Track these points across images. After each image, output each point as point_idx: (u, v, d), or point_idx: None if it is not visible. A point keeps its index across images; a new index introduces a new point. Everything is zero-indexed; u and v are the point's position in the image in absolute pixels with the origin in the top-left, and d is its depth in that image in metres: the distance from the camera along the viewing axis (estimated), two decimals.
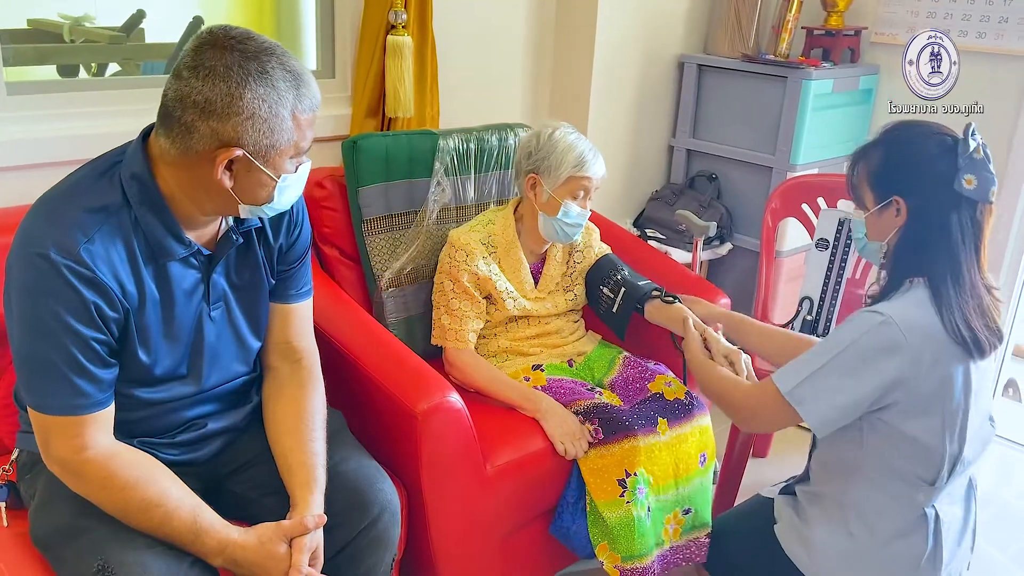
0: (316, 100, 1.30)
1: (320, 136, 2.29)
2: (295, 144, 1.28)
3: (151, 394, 1.38)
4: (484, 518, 1.78)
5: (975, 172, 1.43)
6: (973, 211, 1.45)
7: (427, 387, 1.65)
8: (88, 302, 1.22)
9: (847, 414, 1.47)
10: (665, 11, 2.92)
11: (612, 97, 2.86)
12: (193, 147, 1.23)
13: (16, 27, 2.21)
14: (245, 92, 1.20)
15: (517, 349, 2.07)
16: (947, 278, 1.44)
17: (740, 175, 2.96)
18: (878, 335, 1.42)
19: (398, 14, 2.19)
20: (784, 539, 1.64)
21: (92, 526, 1.28)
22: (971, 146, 1.43)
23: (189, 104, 1.20)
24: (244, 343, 1.49)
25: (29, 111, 1.86)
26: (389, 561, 1.51)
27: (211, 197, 1.29)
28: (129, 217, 1.28)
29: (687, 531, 1.91)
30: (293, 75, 1.25)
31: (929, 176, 1.46)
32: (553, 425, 1.83)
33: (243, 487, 1.51)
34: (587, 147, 1.97)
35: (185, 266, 1.36)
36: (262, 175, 1.27)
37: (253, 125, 1.22)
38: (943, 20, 2.79)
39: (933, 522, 1.53)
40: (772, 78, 2.79)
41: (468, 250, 1.98)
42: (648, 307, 2.03)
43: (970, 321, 1.43)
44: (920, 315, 1.43)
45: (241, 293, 1.46)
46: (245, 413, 1.54)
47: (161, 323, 1.34)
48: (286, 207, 1.38)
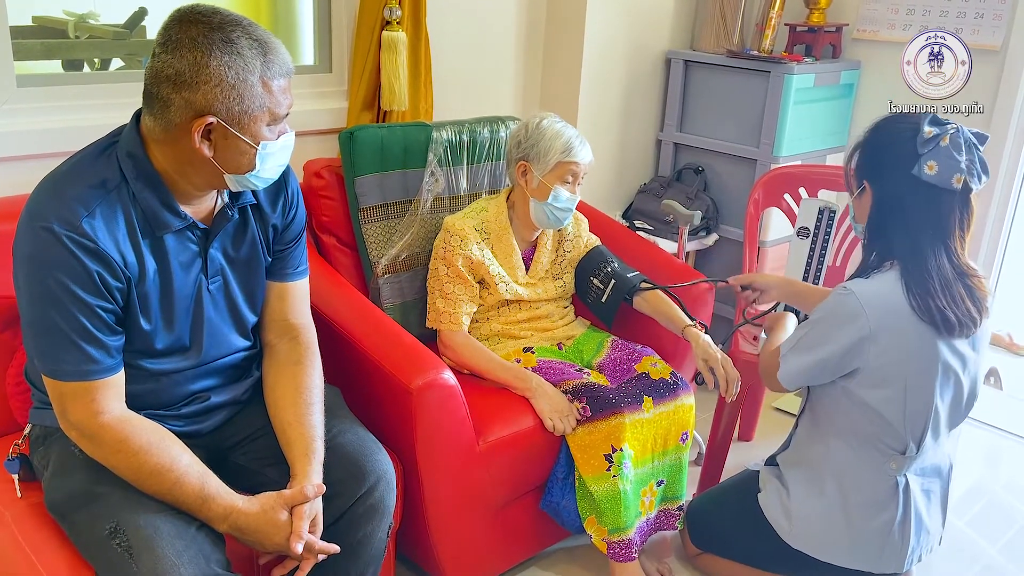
0: (286, 67, 1.35)
1: (318, 128, 2.38)
2: (269, 110, 1.33)
3: (156, 365, 1.45)
4: (477, 492, 1.85)
5: (938, 159, 1.49)
6: (936, 197, 1.52)
7: (421, 364, 1.72)
8: (92, 271, 1.28)
9: (812, 375, 1.61)
10: (652, 8, 3.00)
11: (601, 92, 2.94)
12: (172, 120, 1.29)
13: (22, 24, 2.27)
14: (211, 60, 1.26)
15: (509, 332, 2.14)
16: (910, 263, 1.54)
17: (726, 167, 3.04)
18: (840, 305, 1.56)
19: (392, 10, 2.26)
20: (766, 506, 1.72)
21: (104, 492, 1.34)
22: (932, 132, 1.50)
23: (162, 79, 1.27)
24: (241, 317, 1.55)
25: (37, 103, 1.94)
26: (386, 529, 1.57)
27: (197, 169, 1.35)
28: (127, 192, 1.34)
29: (659, 502, 2.00)
30: (259, 43, 1.30)
31: (889, 161, 1.55)
32: (543, 403, 1.91)
33: (246, 459, 1.58)
34: (574, 134, 2.04)
35: (182, 239, 1.42)
36: (240, 142, 1.32)
37: (222, 92, 1.27)
38: (922, 16, 2.87)
39: (903, 492, 1.62)
40: (756, 73, 2.87)
41: (462, 235, 2.05)
42: (636, 298, 2.12)
43: (936, 300, 1.50)
44: (885, 291, 1.53)
45: (238, 268, 1.52)
46: (246, 387, 1.61)
47: (160, 294, 1.40)
48: (272, 176, 1.43)
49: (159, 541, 1.28)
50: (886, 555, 1.65)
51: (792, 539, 1.69)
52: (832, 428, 1.65)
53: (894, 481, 1.62)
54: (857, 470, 1.64)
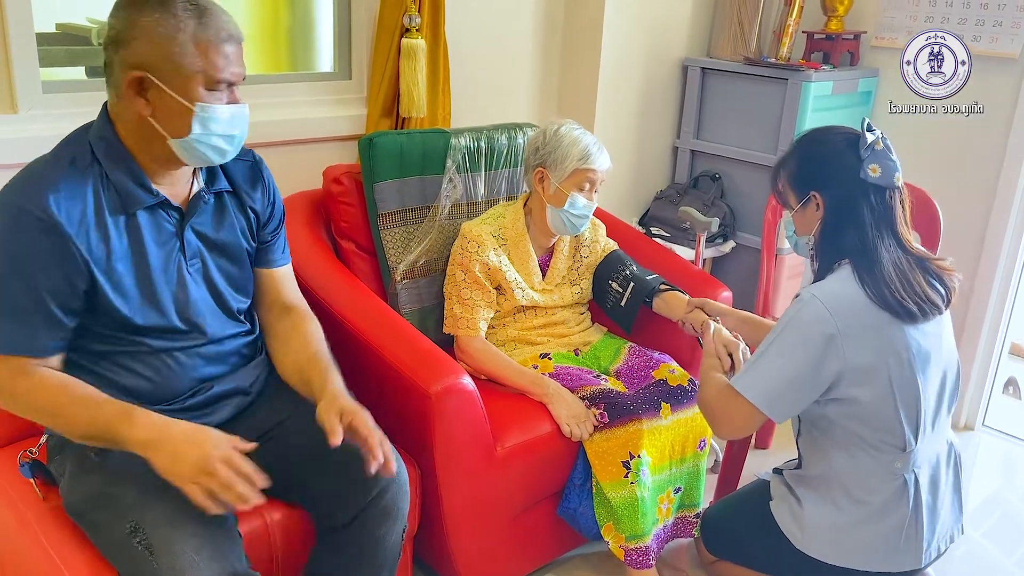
0: (225, 32, 1.37)
1: (337, 135, 2.39)
2: (204, 72, 1.35)
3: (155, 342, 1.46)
4: (494, 498, 1.86)
5: (878, 161, 1.57)
6: (882, 196, 1.59)
7: (440, 370, 1.72)
8: (49, 249, 1.32)
9: (794, 389, 1.57)
10: (669, 16, 3.00)
11: (618, 99, 2.94)
12: (117, 83, 1.35)
13: (46, 31, 2.30)
14: (142, 17, 1.32)
15: (525, 338, 2.15)
16: (863, 256, 1.58)
17: (743, 175, 3.04)
18: (804, 311, 1.56)
19: (412, 18, 2.27)
20: (779, 516, 1.71)
21: (121, 492, 1.36)
22: (869, 139, 1.58)
23: (107, 43, 1.35)
24: (226, 301, 1.57)
25: (62, 109, 1.96)
26: (400, 532, 1.58)
27: (148, 138, 1.39)
28: (99, 172, 1.39)
29: (676, 509, 2.00)
30: (197, 7, 1.35)
31: (837, 169, 1.61)
32: (560, 408, 1.91)
33: (261, 461, 1.57)
34: (591, 141, 2.05)
35: (156, 218, 1.45)
36: (174, 101, 1.35)
37: (152, 47, 1.32)
38: (940, 24, 2.86)
39: (912, 487, 1.62)
40: (773, 80, 2.87)
41: (480, 241, 2.06)
42: (656, 300, 2.12)
43: (893, 290, 1.55)
44: (843, 287, 1.57)
45: (217, 253, 1.55)
46: (251, 378, 1.62)
47: (135, 272, 1.42)
48: (223, 147, 1.43)
49: (178, 538, 1.30)
50: (902, 553, 1.65)
51: (807, 548, 1.69)
52: (831, 442, 1.65)
53: (902, 480, 1.62)
54: (864, 477, 1.64)
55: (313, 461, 1.55)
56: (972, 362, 2.96)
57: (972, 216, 2.87)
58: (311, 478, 1.55)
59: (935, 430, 1.66)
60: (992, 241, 2.86)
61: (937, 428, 1.67)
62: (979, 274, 2.89)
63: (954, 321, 1.72)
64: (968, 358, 2.94)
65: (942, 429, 1.70)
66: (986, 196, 2.85)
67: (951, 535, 1.74)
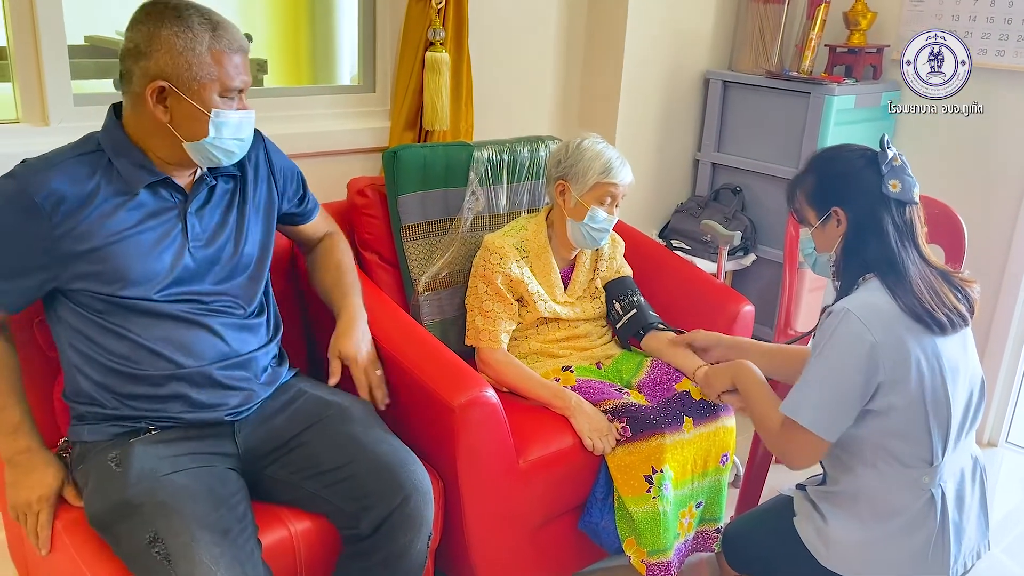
0: (236, 42, 1.48)
1: (361, 147, 2.42)
2: (219, 80, 1.46)
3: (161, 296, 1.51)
4: (516, 511, 1.86)
5: (898, 177, 1.60)
6: (903, 211, 1.62)
7: (464, 382, 1.73)
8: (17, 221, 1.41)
9: (844, 407, 1.57)
10: (691, 29, 3.01)
11: (639, 112, 2.95)
12: (135, 91, 1.45)
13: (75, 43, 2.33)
14: (162, 31, 1.42)
15: (547, 351, 2.15)
16: (890, 270, 1.59)
17: (764, 188, 3.03)
18: (841, 327, 1.56)
19: (437, 32, 2.29)
20: (803, 531, 1.71)
21: (142, 503, 1.39)
22: (889, 155, 1.60)
23: (125, 55, 1.45)
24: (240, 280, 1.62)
25: (93, 121, 1.95)
26: (425, 540, 1.59)
27: (161, 138, 1.48)
28: (102, 159, 1.48)
29: (697, 523, 2.00)
30: (210, 21, 1.46)
31: (858, 185, 1.63)
32: (582, 422, 1.91)
33: (284, 472, 1.60)
34: (614, 155, 2.05)
35: (158, 198, 1.53)
36: (192, 108, 1.45)
37: (172, 59, 1.42)
38: (964, 38, 2.85)
39: (938, 502, 1.61)
40: (795, 94, 2.86)
41: (502, 253, 2.07)
42: (648, 336, 2.14)
43: (923, 301, 1.56)
44: (874, 299, 1.58)
45: (223, 234, 1.61)
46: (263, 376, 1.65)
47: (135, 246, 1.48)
48: (233, 150, 1.54)
49: (196, 548, 1.32)
50: (930, 570, 1.63)
51: (832, 564, 1.68)
52: (858, 460, 1.64)
53: (928, 495, 1.61)
54: (891, 493, 1.63)
55: (336, 470, 1.56)
56: (996, 378, 2.93)
57: (996, 231, 2.86)
58: (334, 487, 1.56)
59: (961, 444, 1.65)
60: (1017, 256, 2.84)
61: (962, 442, 1.66)
62: (1003, 289, 2.87)
63: (977, 338, 1.72)
64: (992, 374, 2.91)
65: (967, 443, 1.69)
66: (1010, 210, 2.83)
67: (978, 551, 1.73)
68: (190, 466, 1.47)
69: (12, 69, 1.92)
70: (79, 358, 1.51)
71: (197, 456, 1.50)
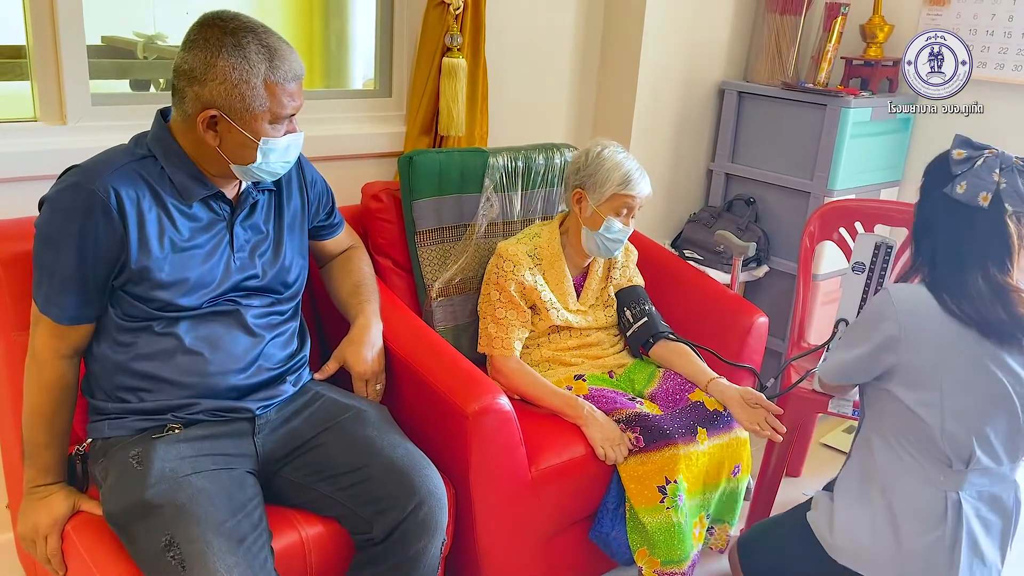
0: (292, 72, 1.48)
1: (376, 152, 2.41)
2: (270, 110, 1.46)
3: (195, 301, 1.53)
4: (527, 519, 1.85)
5: (969, 179, 1.58)
6: (968, 215, 1.59)
7: (478, 389, 1.72)
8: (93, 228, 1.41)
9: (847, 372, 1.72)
10: (707, 40, 3.00)
11: (654, 121, 2.94)
12: (186, 111, 1.46)
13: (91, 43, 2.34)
14: (219, 60, 1.41)
15: (559, 359, 2.14)
16: (937, 271, 1.62)
17: (777, 199, 3.02)
18: (874, 303, 1.64)
19: (454, 37, 2.29)
20: (814, 522, 1.71)
21: (160, 505, 1.38)
22: (958, 155, 1.61)
23: (180, 74, 1.44)
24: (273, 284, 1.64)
25: (110, 121, 1.99)
26: (439, 545, 1.58)
27: (209, 157, 1.50)
28: (155, 167, 1.49)
29: (707, 530, 2.01)
30: (268, 49, 1.44)
31: (927, 183, 1.68)
32: (595, 431, 1.90)
33: (298, 474, 1.60)
34: (634, 167, 2.04)
35: (208, 211, 1.55)
36: (242, 136, 1.46)
37: (226, 89, 1.42)
38: (980, 52, 2.84)
39: (955, 511, 1.58)
40: (811, 106, 2.85)
41: (515, 260, 2.06)
42: (656, 346, 2.14)
43: (973, 303, 1.55)
44: (918, 294, 1.61)
45: (264, 244, 1.64)
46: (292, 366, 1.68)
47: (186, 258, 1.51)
48: (278, 172, 1.57)
49: (211, 555, 1.32)
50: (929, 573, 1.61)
51: (836, 552, 1.66)
52: (876, 425, 1.68)
53: (944, 497, 1.59)
54: (901, 475, 1.61)
55: (350, 473, 1.56)
56: None
57: None
58: (348, 490, 1.55)
59: (1000, 469, 1.62)
60: None
61: (1002, 468, 1.62)
62: None
63: None
64: None
65: (1011, 470, 1.65)
66: None
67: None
68: (210, 468, 1.46)
69: (31, 68, 1.92)
70: (111, 355, 1.52)
71: (218, 457, 1.49)
